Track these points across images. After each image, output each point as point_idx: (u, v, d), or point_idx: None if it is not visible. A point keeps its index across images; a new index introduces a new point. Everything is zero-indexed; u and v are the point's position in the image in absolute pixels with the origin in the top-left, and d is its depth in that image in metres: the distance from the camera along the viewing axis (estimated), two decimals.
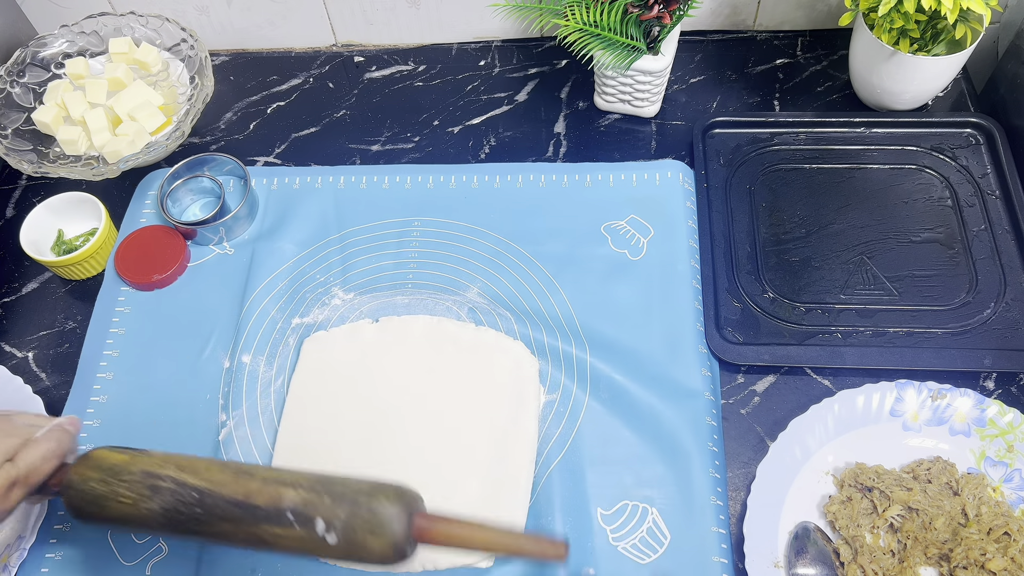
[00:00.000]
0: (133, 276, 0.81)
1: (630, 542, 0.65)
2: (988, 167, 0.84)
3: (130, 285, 0.82)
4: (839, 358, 0.72)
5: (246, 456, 0.71)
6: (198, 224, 0.82)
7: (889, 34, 0.82)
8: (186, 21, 0.99)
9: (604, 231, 0.82)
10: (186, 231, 0.83)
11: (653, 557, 0.64)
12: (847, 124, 0.87)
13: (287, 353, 0.77)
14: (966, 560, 0.61)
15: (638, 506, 0.67)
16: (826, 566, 0.63)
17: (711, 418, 0.70)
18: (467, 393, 0.72)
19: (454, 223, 0.84)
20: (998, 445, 0.68)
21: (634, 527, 0.66)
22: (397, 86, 0.98)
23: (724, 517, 0.66)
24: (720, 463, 0.69)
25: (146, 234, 0.83)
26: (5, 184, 0.93)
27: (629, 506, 0.67)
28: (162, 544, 0.68)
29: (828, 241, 0.80)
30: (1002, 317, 0.74)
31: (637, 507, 0.66)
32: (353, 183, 0.88)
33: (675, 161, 0.86)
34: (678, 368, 0.73)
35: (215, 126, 0.95)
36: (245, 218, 0.84)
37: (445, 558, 0.64)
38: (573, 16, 0.80)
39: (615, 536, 0.66)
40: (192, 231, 0.83)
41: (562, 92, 0.95)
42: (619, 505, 0.67)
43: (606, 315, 0.77)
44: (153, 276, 0.80)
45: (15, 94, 0.90)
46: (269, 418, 0.73)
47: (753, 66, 0.96)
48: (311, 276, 0.81)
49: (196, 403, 0.75)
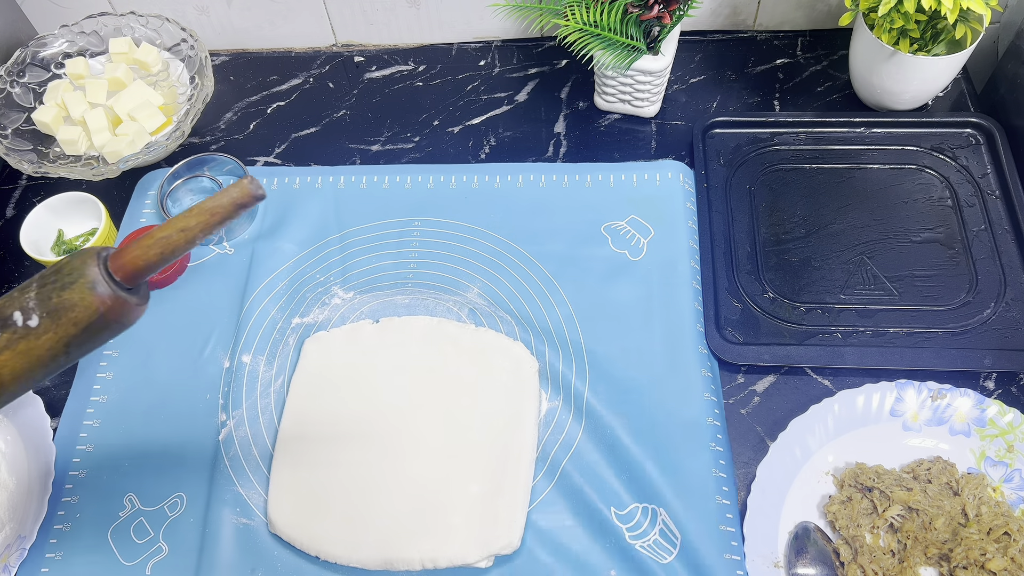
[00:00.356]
0: None
1: (647, 541, 0.65)
2: (988, 167, 0.84)
3: None
4: (839, 358, 0.72)
5: (246, 457, 0.71)
6: None
7: (889, 34, 0.82)
8: (186, 21, 0.99)
9: (604, 231, 0.82)
10: None
11: (670, 559, 0.64)
12: (847, 124, 0.87)
13: (287, 353, 0.77)
14: (966, 560, 0.61)
15: (648, 508, 0.66)
16: (826, 566, 0.63)
17: (713, 418, 0.70)
18: (467, 393, 0.72)
19: (454, 223, 0.84)
20: (998, 445, 0.68)
21: (648, 527, 0.66)
22: (397, 86, 0.98)
23: (732, 516, 0.66)
24: (725, 462, 0.69)
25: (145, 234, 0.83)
26: (5, 184, 0.93)
27: (639, 508, 0.66)
28: (162, 544, 0.68)
29: (828, 241, 0.80)
30: (1002, 317, 0.74)
31: (648, 509, 0.66)
32: (353, 183, 0.88)
33: (675, 161, 0.86)
34: (678, 369, 0.73)
35: (215, 126, 0.95)
36: (245, 218, 0.84)
37: (445, 556, 0.64)
38: (573, 16, 0.80)
39: (632, 535, 0.65)
40: None
41: (562, 92, 0.95)
42: (631, 507, 0.67)
43: (606, 315, 0.77)
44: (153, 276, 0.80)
45: (15, 94, 0.90)
46: (269, 418, 0.73)
47: (753, 66, 0.96)
48: (311, 276, 0.81)
49: (196, 403, 0.75)
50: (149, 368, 0.77)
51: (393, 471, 0.68)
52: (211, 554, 0.67)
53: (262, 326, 0.78)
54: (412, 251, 0.82)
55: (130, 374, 0.77)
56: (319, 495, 0.68)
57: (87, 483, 0.71)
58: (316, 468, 0.69)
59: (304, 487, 0.68)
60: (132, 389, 0.76)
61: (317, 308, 0.79)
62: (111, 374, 0.77)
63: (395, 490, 0.67)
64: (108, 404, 0.75)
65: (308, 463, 0.69)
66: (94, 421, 0.74)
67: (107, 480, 0.71)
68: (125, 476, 0.71)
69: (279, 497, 0.68)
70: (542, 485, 0.68)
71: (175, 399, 0.75)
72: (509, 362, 0.73)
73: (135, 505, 0.70)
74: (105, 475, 0.72)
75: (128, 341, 0.79)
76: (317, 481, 0.68)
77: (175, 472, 0.71)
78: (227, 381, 0.75)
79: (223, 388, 0.75)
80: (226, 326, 0.79)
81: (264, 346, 0.77)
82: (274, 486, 0.69)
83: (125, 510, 0.70)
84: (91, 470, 0.72)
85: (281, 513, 0.67)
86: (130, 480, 0.71)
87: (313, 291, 0.80)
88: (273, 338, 0.78)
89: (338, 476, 0.69)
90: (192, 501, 0.70)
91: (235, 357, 0.76)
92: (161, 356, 0.78)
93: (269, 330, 0.78)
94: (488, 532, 0.65)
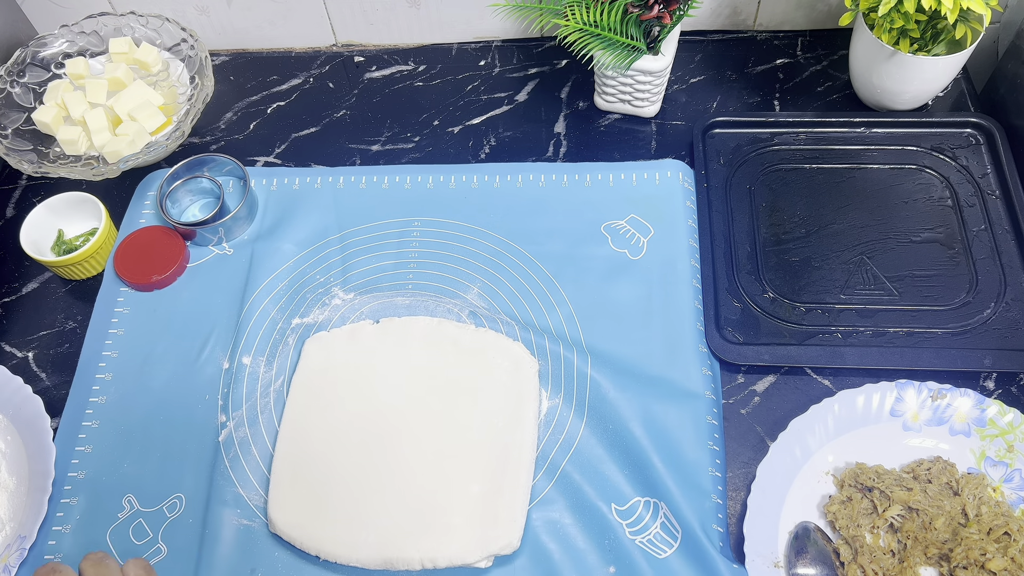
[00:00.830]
0: (132, 277, 0.81)
1: (647, 536, 0.65)
2: (988, 167, 0.84)
3: (129, 286, 0.82)
4: (839, 358, 0.72)
5: (246, 457, 0.71)
6: (197, 225, 0.82)
7: (889, 34, 0.82)
8: (186, 21, 0.99)
9: (604, 231, 0.82)
10: (185, 232, 0.83)
11: (668, 552, 0.64)
12: (847, 124, 0.87)
13: (287, 354, 0.77)
14: (966, 560, 0.61)
15: (650, 502, 0.67)
16: (826, 566, 0.63)
17: (712, 417, 0.70)
18: (467, 393, 0.72)
19: (454, 223, 0.84)
20: (998, 445, 0.68)
21: (649, 522, 0.66)
22: (397, 86, 0.98)
23: (723, 516, 0.66)
24: (721, 462, 0.69)
25: (145, 235, 0.83)
26: (5, 184, 0.93)
27: (641, 502, 0.67)
28: (161, 545, 0.68)
29: (828, 241, 0.80)
30: (1002, 317, 0.74)
31: (649, 503, 0.67)
32: (353, 183, 0.88)
33: (675, 161, 0.86)
34: (678, 367, 0.73)
35: (215, 126, 0.95)
36: (244, 219, 0.84)
37: (444, 556, 0.64)
38: (573, 16, 0.80)
39: (632, 530, 0.66)
40: (191, 232, 0.83)
41: (562, 92, 0.95)
42: (632, 502, 0.67)
43: (606, 315, 0.77)
44: (152, 277, 0.80)
45: (15, 94, 0.90)
46: (269, 419, 0.73)
47: (753, 66, 0.96)
48: (311, 277, 0.81)
49: (195, 404, 0.74)
50: (148, 369, 0.77)
51: (393, 470, 0.68)
52: (210, 555, 0.67)
53: (262, 327, 0.78)
54: (412, 251, 0.82)
55: (129, 375, 0.77)
56: (319, 495, 0.68)
57: (86, 484, 0.71)
58: (316, 467, 0.69)
59: (304, 486, 0.68)
60: (131, 390, 0.76)
61: (317, 309, 0.79)
62: (110, 375, 0.77)
63: (395, 489, 0.67)
64: (107, 405, 0.75)
65: (309, 462, 0.69)
66: (93, 422, 0.74)
67: (106, 481, 0.71)
68: (124, 477, 0.71)
69: (280, 496, 0.68)
70: (542, 484, 0.69)
71: (174, 400, 0.75)
72: (509, 362, 0.73)
73: (134, 506, 0.70)
74: (104, 476, 0.71)
75: (127, 342, 0.79)
76: (317, 480, 0.68)
77: (174, 473, 0.71)
78: (227, 382, 0.75)
79: (223, 389, 0.75)
80: (225, 327, 0.78)
81: (264, 347, 0.77)
82: (274, 485, 0.69)
83: (124, 511, 0.70)
84: (90, 471, 0.72)
85: (281, 512, 0.67)
86: (129, 481, 0.71)
87: (313, 292, 0.80)
88: (273, 339, 0.77)
89: (338, 475, 0.69)
90: (191, 502, 0.69)
91: (235, 358, 0.76)
92: (160, 357, 0.77)
93: (269, 331, 0.78)
94: (488, 532, 0.65)
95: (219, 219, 0.82)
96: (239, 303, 0.80)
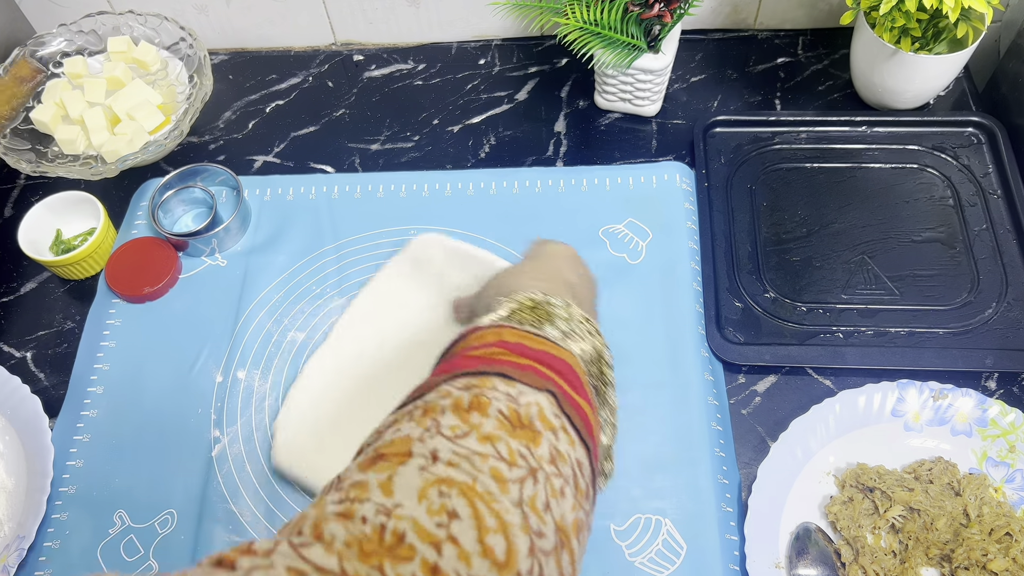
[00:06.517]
0: (124, 289, 0.79)
1: (647, 556, 0.64)
2: (990, 166, 0.84)
3: (121, 298, 0.80)
4: (840, 358, 0.72)
5: (240, 473, 0.70)
6: (189, 235, 0.80)
7: (890, 33, 0.82)
8: (185, 20, 0.99)
9: (602, 235, 0.81)
10: (177, 243, 0.81)
11: (671, 569, 0.63)
12: (848, 123, 0.87)
13: (282, 367, 0.75)
14: (968, 561, 0.61)
15: (651, 519, 0.66)
16: (827, 567, 0.62)
17: (716, 423, 0.70)
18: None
19: (451, 231, 0.82)
20: (1000, 445, 0.68)
21: (649, 540, 0.65)
22: (396, 85, 0.97)
23: (735, 524, 0.66)
24: (729, 468, 0.68)
25: (137, 246, 0.82)
26: (3, 183, 0.92)
27: (642, 520, 0.66)
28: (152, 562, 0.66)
29: (829, 240, 0.80)
30: (1004, 317, 0.74)
31: (650, 520, 0.66)
32: (348, 192, 0.86)
33: (672, 162, 0.86)
34: (681, 374, 0.72)
35: (214, 125, 0.95)
36: (238, 229, 0.83)
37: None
38: (573, 15, 0.80)
39: (631, 552, 0.64)
40: (183, 243, 0.81)
41: (562, 91, 0.95)
42: (632, 520, 0.66)
43: (606, 320, 0.75)
44: (144, 289, 0.79)
45: None
46: (263, 434, 0.72)
47: (754, 65, 0.96)
48: (307, 288, 0.80)
49: (187, 418, 0.73)
50: (140, 382, 0.75)
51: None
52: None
53: (257, 340, 0.77)
54: None
55: (120, 388, 0.75)
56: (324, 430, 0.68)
57: (77, 499, 0.70)
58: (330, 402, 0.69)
59: (312, 420, 0.68)
60: (123, 404, 0.74)
61: (313, 320, 0.78)
62: (101, 388, 0.75)
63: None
64: (98, 419, 0.74)
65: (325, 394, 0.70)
66: (84, 436, 0.73)
67: (97, 496, 0.70)
68: (115, 492, 0.70)
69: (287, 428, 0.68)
70: None
71: (167, 414, 0.73)
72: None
73: (125, 522, 0.68)
74: (95, 491, 0.70)
75: (119, 355, 0.77)
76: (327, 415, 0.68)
77: (166, 489, 0.70)
78: (220, 396, 0.74)
79: (216, 403, 0.74)
80: (218, 340, 0.77)
81: (259, 360, 0.76)
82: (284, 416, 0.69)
83: (115, 527, 0.68)
84: (81, 486, 0.70)
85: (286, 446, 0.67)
86: (120, 497, 0.70)
87: (311, 304, 0.79)
88: (268, 352, 0.76)
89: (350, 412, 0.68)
90: (183, 518, 0.68)
91: (229, 371, 0.75)
92: (152, 370, 0.76)
93: (264, 344, 0.77)
94: None
95: (212, 230, 0.80)
96: (233, 315, 0.78)
